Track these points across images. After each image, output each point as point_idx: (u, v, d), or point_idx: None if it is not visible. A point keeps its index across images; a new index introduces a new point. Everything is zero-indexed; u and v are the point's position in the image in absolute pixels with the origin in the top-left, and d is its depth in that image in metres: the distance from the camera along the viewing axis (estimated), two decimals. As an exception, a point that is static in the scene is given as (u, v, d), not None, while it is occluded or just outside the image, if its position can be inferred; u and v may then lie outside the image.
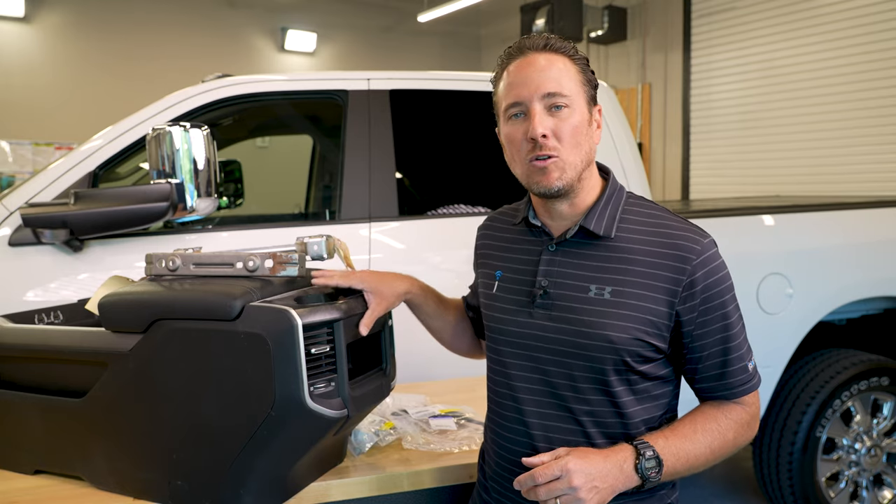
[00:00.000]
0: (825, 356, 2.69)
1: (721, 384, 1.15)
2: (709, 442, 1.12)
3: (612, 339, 1.10)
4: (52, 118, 6.80)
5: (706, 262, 1.11)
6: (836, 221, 2.74)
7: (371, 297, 1.30)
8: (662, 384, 1.17)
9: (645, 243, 1.13)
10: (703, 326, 1.12)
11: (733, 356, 1.13)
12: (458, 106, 2.60)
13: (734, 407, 1.16)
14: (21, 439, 1.36)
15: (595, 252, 1.15)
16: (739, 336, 1.14)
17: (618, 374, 1.13)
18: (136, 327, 1.20)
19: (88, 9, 7.11)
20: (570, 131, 1.12)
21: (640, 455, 1.07)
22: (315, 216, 3.46)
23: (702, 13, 6.53)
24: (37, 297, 1.96)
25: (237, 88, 2.30)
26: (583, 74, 1.15)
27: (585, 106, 1.15)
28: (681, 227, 1.14)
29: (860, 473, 2.69)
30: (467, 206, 2.54)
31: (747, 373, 1.15)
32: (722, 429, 1.14)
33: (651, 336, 1.11)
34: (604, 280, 1.13)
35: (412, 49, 8.96)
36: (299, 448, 1.20)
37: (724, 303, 1.12)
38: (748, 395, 1.16)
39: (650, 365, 1.14)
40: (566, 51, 1.15)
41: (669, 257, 1.11)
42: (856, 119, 5.33)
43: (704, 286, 1.11)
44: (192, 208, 1.77)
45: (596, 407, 1.14)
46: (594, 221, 1.15)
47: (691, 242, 1.12)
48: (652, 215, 1.17)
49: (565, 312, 1.14)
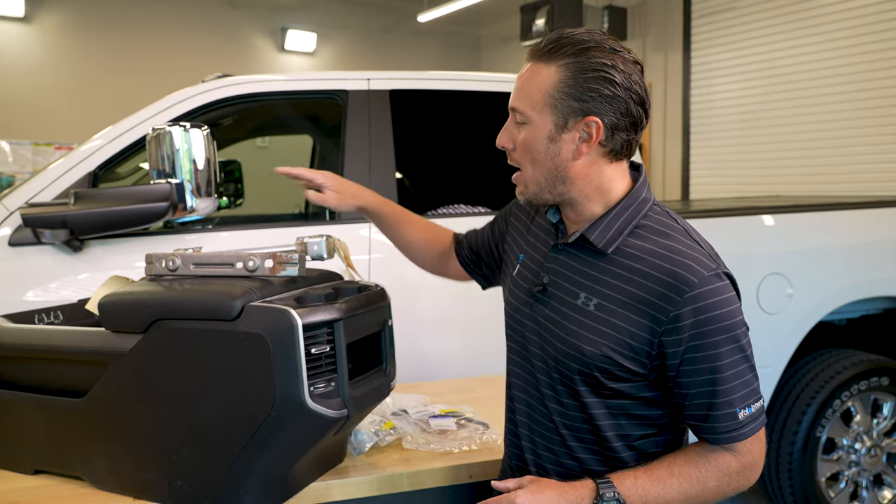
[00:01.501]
0: (825, 356, 2.69)
1: (706, 426, 1.07)
2: (685, 489, 1.06)
3: (582, 351, 1.10)
4: (52, 118, 6.80)
5: (700, 298, 1.02)
6: (836, 221, 2.74)
7: (329, 192, 1.44)
8: (646, 406, 1.12)
9: (644, 263, 1.07)
10: (690, 364, 1.05)
11: (721, 400, 1.05)
12: (458, 106, 2.61)
13: (722, 453, 1.08)
14: (21, 439, 1.36)
15: (592, 261, 1.13)
16: (732, 380, 1.05)
17: (587, 385, 1.12)
18: (136, 327, 1.20)
19: (88, 9, 7.11)
20: (524, 147, 1.13)
21: (599, 497, 1.04)
22: (315, 216, 3.45)
23: (702, 13, 6.52)
24: (37, 297, 1.96)
25: (237, 88, 2.30)
26: (571, 86, 1.06)
27: (549, 121, 1.08)
28: (688, 253, 1.06)
29: (860, 473, 2.69)
30: (467, 206, 2.54)
31: (735, 420, 1.05)
32: (702, 476, 1.06)
33: (624, 358, 1.07)
34: (593, 291, 1.11)
35: (412, 49, 8.95)
36: (299, 448, 1.20)
37: (716, 343, 1.03)
38: (740, 443, 1.07)
39: (626, 384, 1.10)
40: (567, 53, 1.06)
41: (662, 284, 1.04)
42: (856, 119, 5.33)
43: (694, 322, 1.03)
44: (192, 208, 1.77)
45: (569, 410, 1.15)
46: (596, 233, 1.12)
47: (691, 273, 1.03)
48: (664, 234, 1.10)
49: (553, 313, 1.16)
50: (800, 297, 2.55)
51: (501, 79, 2.60)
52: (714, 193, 6.46)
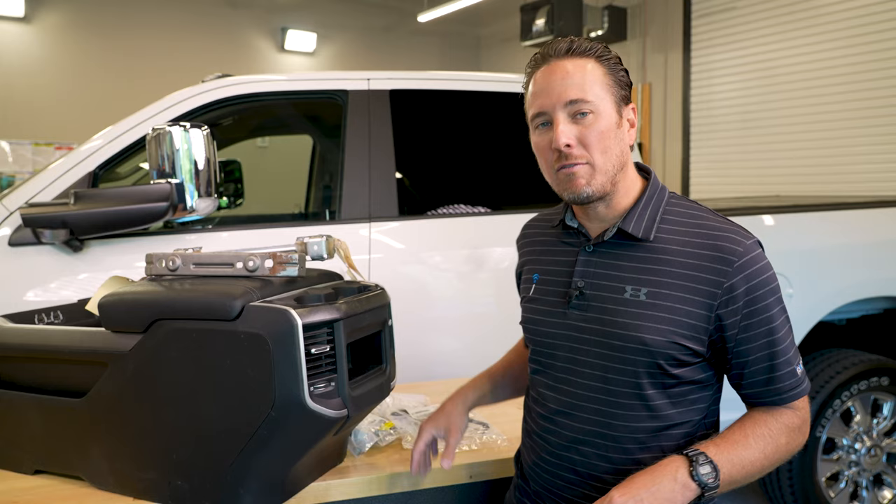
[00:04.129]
0: (825, 356, 2.69)
1: (769, 389, 1.10)
2: (762, 447, 1.07)
3: (645, 342, 1.08)
4: (52, 118, 6.80)
5: (749, 265, 1.07)
6: (836, 221, 2.74)
7: (451, 439, 1.31)
8: (700, 389, 1.14)
9: (684, 244, 1.10)
10: (747, 331, 1.08)
11: (780, 360, 1.09)
12: (458, 106, 2.61)
13: (784, 411, 1.11)
14: (21, 439, 1.36)
15: (632, 253, 1.13)
16: (786, 339, 1.09)
17: (651, 377, 1.10)
18: (136, 327, 1.20)
19: (88, 9, 7.11)
20: (597, 137, 1.10)
21: (693, 462, 1.01)
22: (315, 216, 3.46)
23: (702, 13, 6.53)
24: (37, 297, 1.96)
25: (237, 88, 2.30)
26: (611, 76, 1.13)
27: (613, 108, 1.12)
28: (723, 227, 1.11)
29: (860, 473, 2.69)
30: (467, 206, 2.54)
31: (796, 377, 1.10)
32: (774, 434, 1.08)
33: (687, 339, 1.08)
34: (640, 281, 1.11)
35: (412, 49, 8.95)
36: (299, 448, 1.20)
37: (768, 306, 1.07)
38: (798, 400, 1.11)
39: (686, 368, 1.11)
40: (593, 52, 1.12)
41: (709, 259, 1.08)
42: (856, 119, 5.33)
43: (747, 289, 1.06)
44: (192, 208, 1.77)
45: (629, 411, 1.12)
46: (633, 223, 1.13)
47: (733, 244, 1.08)
48: (693, 215, 1.14)
49: (600, 314, 1.13)
50: (800, 297, 2.55)
51: (501, 79, 2.60)
52: (714, 193, 6.46)
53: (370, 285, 1.35)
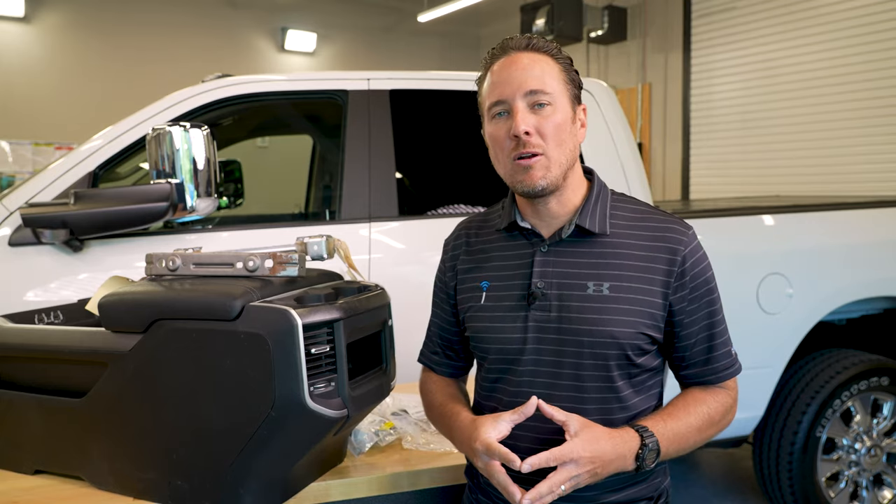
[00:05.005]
0: (825, 356, 2.69)
1: (708, 369, 1.19)
2: (699, 424, 1.15)
3: (615, 335, 1.11)
4: (52, 118, 6.80)
5: (694, 252, 1.16)
6: (836, 221, 2.74)
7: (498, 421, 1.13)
8: (654, 375, 1.20)
9: (636, 238, 1.16)
10: (691, 314, 1.16)
11: (718, 341, 1.18)
12: (458, 106, 2.60)
13: (718, 391, 1.20)
14: (21, 439, 1.36)
15: (590, 249, 1.16)
16: (723, 321, 1.19)
17: (619, 368, 1.14)
18: (136, 327, 1.20)
19: (88, 9, 7.11)
20: (554, 129, 1.12)
21: (644, 445, 1.08)
22: (315, 216, 3.46)
23: (702, 13, 6.53)
24: (37, 297, 1.96)
25: (237, 88, 2.30)
26: (566, 73, 1.17)
27: (569, 104, 1.15)
28: (666, 219, 1.18)
29: (860, 473, 2.69)
30: (467, 206, 2.54)
31: (731, 357, 1.20)
32: (710, 411, 1.17)
33: (650, 328, 1.14)
34: (601, 276, 1.14)
35: (412, 49, 8.95)
36: (299, 448, 1.20)
37: (710, 289, 1.17)
38: (731, 380, 1.21)
39: (646, 356, 1.16)
40: (549, 50, 1.16)
41: (662, 249, 1.15)
42: (856, 119, 5.33)
43: (693, 274, 1.15)
44: (192, 208, 1.77)
45: (602, 404, 1.14)
46: (588, 219, 1.16)
47: (679, 234, 1.16)
48: (637, 210, 1.20)
49: (565, 312, 1.14)
50: (800, 297, 2.55)
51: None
52: (714, 193, 6.46)
53: (370, 285, 1.34)
